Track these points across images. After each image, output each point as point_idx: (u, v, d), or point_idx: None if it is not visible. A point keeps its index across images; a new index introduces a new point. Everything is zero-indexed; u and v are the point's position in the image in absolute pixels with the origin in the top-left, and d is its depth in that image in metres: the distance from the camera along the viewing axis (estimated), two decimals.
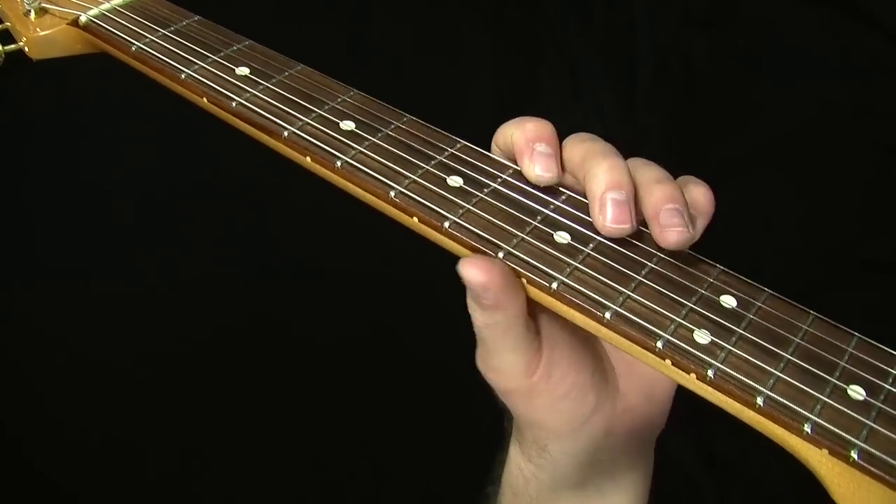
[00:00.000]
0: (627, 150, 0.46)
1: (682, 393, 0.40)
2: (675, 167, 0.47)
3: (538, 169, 0.40)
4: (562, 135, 0.44)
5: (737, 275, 0.38)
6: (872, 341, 0.35)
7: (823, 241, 1.02)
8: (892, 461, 0.31)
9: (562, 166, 0.41)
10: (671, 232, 0.38)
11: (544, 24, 1.11)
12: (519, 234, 0.39)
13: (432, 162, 0.43)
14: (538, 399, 0.42)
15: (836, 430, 0.32)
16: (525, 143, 0.41)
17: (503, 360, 0.41)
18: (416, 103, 0.46)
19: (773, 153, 1.06)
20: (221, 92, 0.47)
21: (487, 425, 0.49)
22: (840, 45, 1.03)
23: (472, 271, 0.38)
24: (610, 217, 0.38)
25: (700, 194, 0.40)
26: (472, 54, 1.11)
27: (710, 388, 0.34)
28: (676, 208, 0.38)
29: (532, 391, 0.42)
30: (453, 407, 0.93)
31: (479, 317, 0.39)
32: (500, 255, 0.38)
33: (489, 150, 0.44)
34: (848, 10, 1.01)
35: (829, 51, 1.03)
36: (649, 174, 0.40)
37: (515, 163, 0.43)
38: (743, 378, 0.34)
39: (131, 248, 1.05)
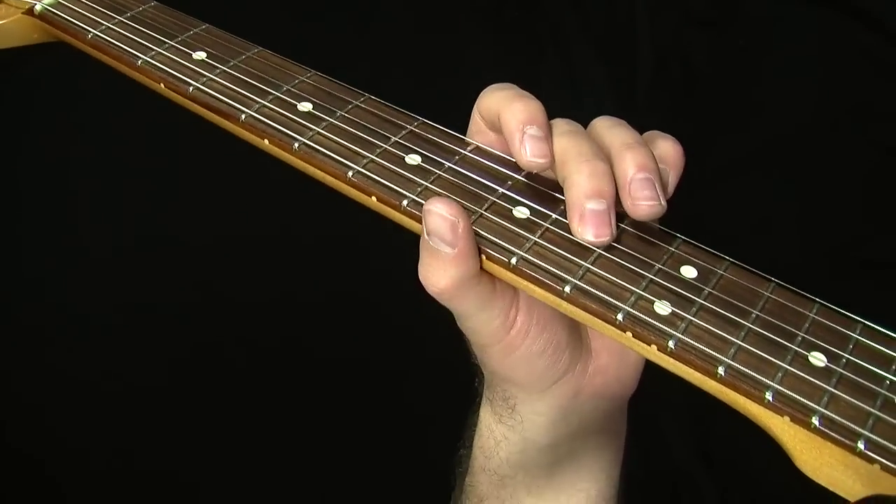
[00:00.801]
0: None
1: (682, 393, 0.40)
2: None
3: (530, 153, 0.39)
4: None
5: (697, 244, 0.38)
6: (833, 307, 0.35)
7: (823, 241, 1.02)
8: (852, 426, 0.31)
9: None
10: (642, 205, 0.37)
11: (544, 23, 1.11)
12: (478, 209, 0.39)
13: (390, 141, 0.42)
14: (514, 354, 0.42)
15: (797, 397, 0.32)
16: (516, 125, 0.39)
17: (477, 320, 0.41)
18: (416, 103, 0.46)
19: (773, 153, 1.06)
20: (178, 77, 0.47)
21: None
22: (840, 45, 1.03)
23: (441, 206, 0.38)
24: (592, 231, 0.37)
25: (668, 147, 0.40)
26: (472, 54, 1.11)
27: (671, 360, 0.34)
28: (648, 177, 0.37)
29: (509, 346, 0.42)
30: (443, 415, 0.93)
31: (436, 279, 0.39)
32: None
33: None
34: (848, 10, 1.01)
35: (829, 51, 1.03)
36: (620, 138, 0.39)
37: (504, 143, 0.41)
38: (704, 348, 0.34)
39: (121, 262, 1.06)
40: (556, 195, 0.40)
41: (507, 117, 0.39)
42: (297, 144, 0.43)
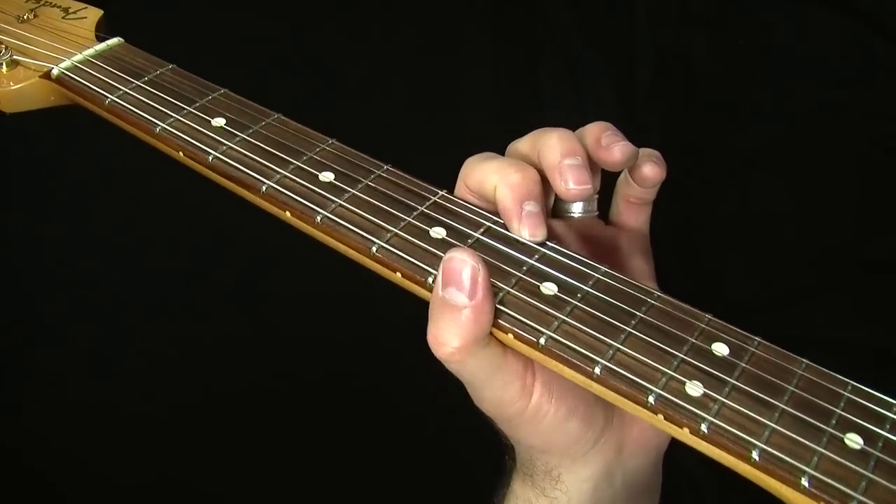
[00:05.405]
0: None
1: None
2: (675, 167, 0.47)
3: (527, 232, 0.40)
4: None
5: (726, 324, 0.37)
6: (866, 388, 0.34)
7: (823, 241, 1.02)
8: None
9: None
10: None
11: (544, 23, 1.11)
12: (505, 286, 0.38)
13: (414, 213, 0.41)
14: (545, 421, 0.41)
15: (834, 484, 0.31)
16: (513, 202, 0.40)
17: (492, 388, 0.39)
18: (416, 104, 0.46)
19: (773, 153, 1.05)
20: (197, 146, 0.46)
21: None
22: (840, 45, 1.03)
23: (463, 254, 0.37)
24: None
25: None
26: (472, 55, 1.11)
27: (703, 443, 0.33)
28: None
29: (537, 414, 0.40)
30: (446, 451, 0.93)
31: (449, 338, 0.37)
32: None
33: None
34: (848, 10, 1.01)
35: (829, 51, 1.03)
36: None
37: (495, 211, 0.41)
38: (737, 431, 0.33)
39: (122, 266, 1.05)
40: (585, 269, 0.39)
41: (503, 192, 0.41)
42: (319, 218, 0.41)
